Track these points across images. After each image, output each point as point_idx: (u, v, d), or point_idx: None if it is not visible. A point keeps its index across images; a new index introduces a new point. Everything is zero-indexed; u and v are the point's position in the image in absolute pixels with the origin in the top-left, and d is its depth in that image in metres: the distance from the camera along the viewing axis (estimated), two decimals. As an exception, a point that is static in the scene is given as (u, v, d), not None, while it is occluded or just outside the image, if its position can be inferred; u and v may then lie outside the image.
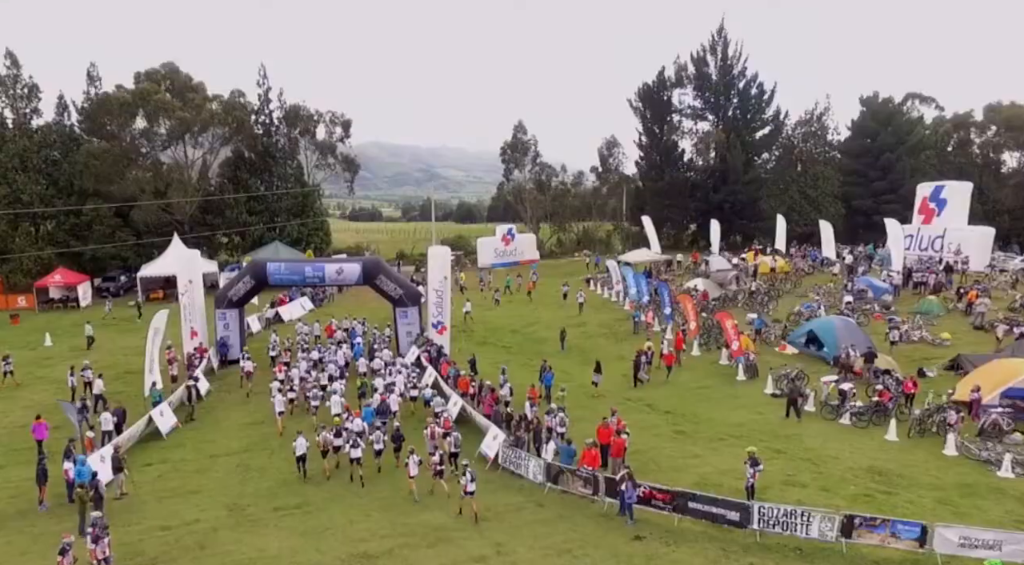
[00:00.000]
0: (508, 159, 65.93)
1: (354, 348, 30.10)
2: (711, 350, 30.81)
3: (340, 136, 60.72)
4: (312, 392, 24.24)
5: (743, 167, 62.05)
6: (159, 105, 49.88)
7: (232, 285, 30.80)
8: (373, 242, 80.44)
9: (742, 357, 27.16)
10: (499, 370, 25.16)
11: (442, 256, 31.42)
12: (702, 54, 65.17)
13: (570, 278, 51.31)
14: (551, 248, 66.35)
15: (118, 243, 50.52)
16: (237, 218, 53.55)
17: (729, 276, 40.57)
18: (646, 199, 65.53)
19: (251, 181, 54.31)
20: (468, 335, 36.00)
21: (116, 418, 21.58)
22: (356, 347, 30.27)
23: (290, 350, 30.48)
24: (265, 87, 55.52)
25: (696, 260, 49.13)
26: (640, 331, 33.99)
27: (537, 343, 34.42)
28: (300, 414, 23.84)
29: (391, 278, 30.87)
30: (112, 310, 42.69)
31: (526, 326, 37.72)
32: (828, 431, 21.95)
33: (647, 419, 23.49)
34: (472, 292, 45.51)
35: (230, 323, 30.72)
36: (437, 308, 31.10)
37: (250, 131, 54.11)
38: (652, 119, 65.95)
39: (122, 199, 51.15)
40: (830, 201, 64.23)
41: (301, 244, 55.32)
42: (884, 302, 34.02)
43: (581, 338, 34.44)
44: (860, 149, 64.85)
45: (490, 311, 42.28)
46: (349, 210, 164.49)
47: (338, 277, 30.70)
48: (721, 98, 64.52)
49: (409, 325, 31.10)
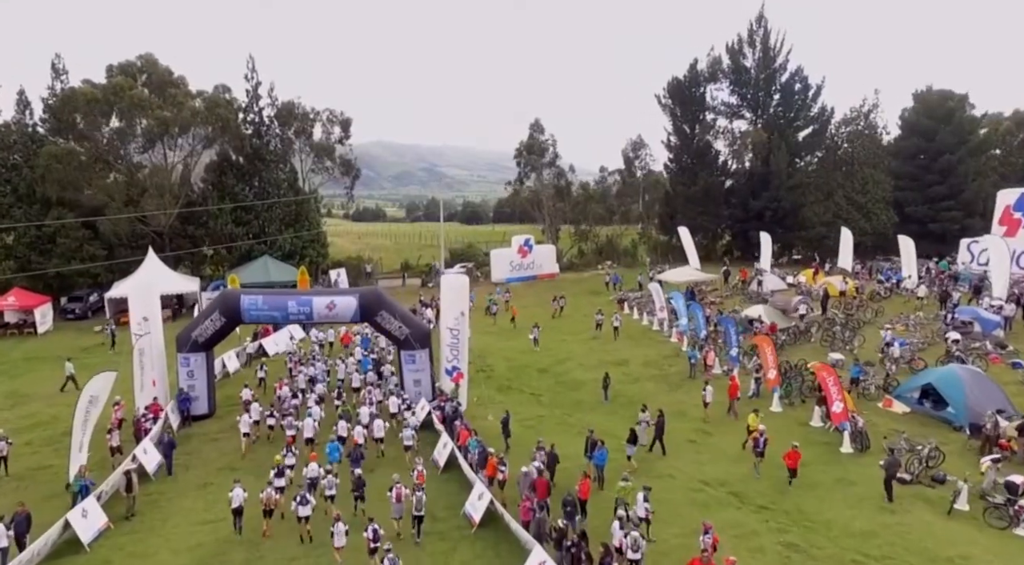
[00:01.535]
0: (525, 162, 59.64)
1: (362, 362, 28.05)
2: (794, 405, 24.68)
3: (339, 137, 54.71)
4: (288, 419, 22.26)
5: (787, 170, 55.74)
6: (133, 102, 43.89)
7: (197, 323, 24.78)
8: (375, 249, 74.62)
9: (847, 423, 21.02)
10: (532, 431, 19.53)
11: (458, 288, 25.38)
12: (738, 46, 58.95)
13: (596, 297, 45.42)
14: (572, 259, 60.15)
15: (87, 258, 44.53)
16: (222, 229, 47.58)
17: (794, 302, 34.36)
18: (676, 206, 59.29)
19: (238, 188, 48.28)
20: (487, 375, 29.98)
21: (13, 530, 15.65)
22: (364, 361, 28.19)
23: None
24: (254, 82, 49.54)
25: (745, 278, 42.89)
26: (697, 375, 27.87)
27: (572, 388, 28.34)
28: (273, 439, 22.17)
29: (395, 313, 24.82)
30: (105, 335, 36.43)
31: (556, 364, 31.61)
32: (1005, 546, 15.82)
33: (739, 521, 17.35)
34: (478, 313, 39.38)
35: (195, 371, 24.70)
36: (452, 350, 25.12)
37: (237, 131, 48.05)
38: (683, 117, 59.69)
39: (91, 208, 45.34)
40: (881, 208, 57.82)
41: (294, 258, 49.35)
42: (998, 340, 27.84)
43: (625, 382, 28.30)
44: (914, 149, 58.52)
45: (509, 340, 36.25)
46: (352, 210, 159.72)
47: (329, 313, 24.65)
48: (760, 94, 58.23)
49: (417, 372, 25.08)
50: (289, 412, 22.94)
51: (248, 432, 21.85)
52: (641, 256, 61.22)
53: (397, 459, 20.63)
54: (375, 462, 20.61)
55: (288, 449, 19.66)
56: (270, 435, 22.73)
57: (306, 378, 26.90)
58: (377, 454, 21.19)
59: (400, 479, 16.94)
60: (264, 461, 19.95)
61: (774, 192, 56.20)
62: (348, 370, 27.88)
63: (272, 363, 30.80)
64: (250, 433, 21.92)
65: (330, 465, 18.80)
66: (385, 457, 21.20)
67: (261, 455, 21.20)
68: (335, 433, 20.89)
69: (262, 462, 20.14)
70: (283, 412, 23.10)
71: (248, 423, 21.95)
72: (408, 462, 19.74)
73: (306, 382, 26.61)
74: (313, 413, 22.38)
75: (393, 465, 19.96)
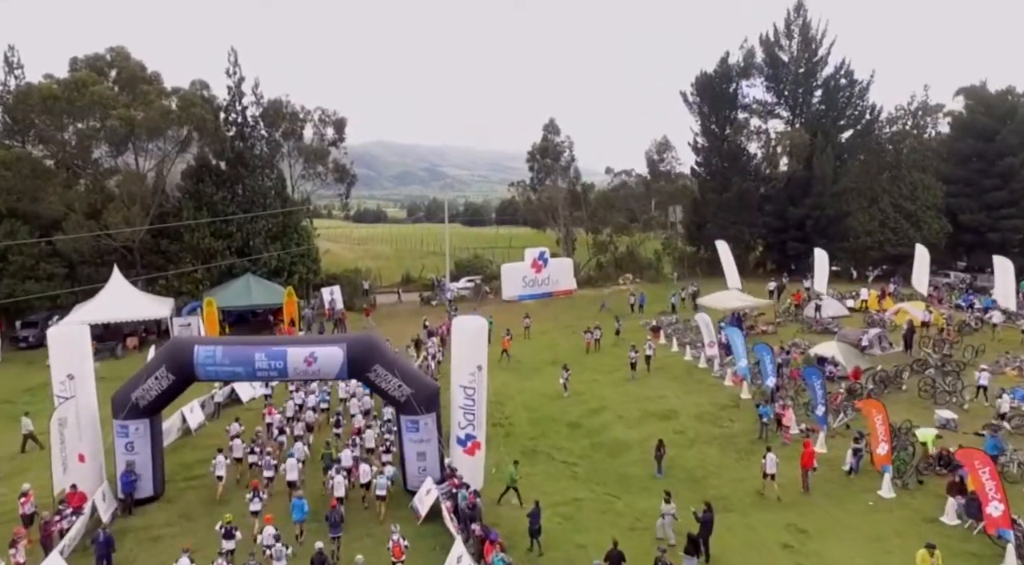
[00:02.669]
0: (539, 166, 54.00)
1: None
2: (908, 487, 19.11)
3: (333, 138, 49.16)
4: (266, 459, 19.53)
5: (833, 175, 50.18)
6: (94, 99, 38.36)
7: (139, 381, 19.23)
8: (375, 257, 69.16)
9: (1009, 531, 15.45)
10: (568, 524, 15.82)
11: (473, 333, 19.83)
12: (774, 37, 53.44)
13: (624, 318, 39.87)
14: (589, 273, 54.58)
15: (43, 277, 39.02)
16: (199, 243, 42.04)
17: (868, 336, 28.77)
18: (706, 214, 53.76)
19: (217, 197, 42.71)
20: (505, 431, 24.49)
21: None
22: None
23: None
24: (237, 77, 44.00)
25: (799, 302, 37.22)
26: (772, 437, 22.33)
27: (613, 453, 22.77)
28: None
29: (393, 368, 19.24)
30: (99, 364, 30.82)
31: (589, 415, 26.02)
32: None
33: None
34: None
35: (136, 442, 19.17)
36: (466, 414, 19.59)
37: (216, 133, 42.48)
38: (713, 116, 54.18)
39: (50, 221, 39.91)
40: (932, 216, 52.18)
41: (282, 275, 43.85)
42: None
43: (679, 444, 22.67)
44: (969, 151, 52.97)
45: (529, 379, 30.75)
46: (353, 211, 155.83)
47: (308, 369, 19.09)
48: (800, 90, 52.68)
49: (422, 443, 19.49)
50: (268, 451, 20.01)
51: (222, 475, 19.31)
52: (666, 269, 55.67)
53: (367, 517, 18.12)
54: (355, 515, 17.96)
55: (255, 494, 17.44)
56: (245, 477, 20.04)
57: (295, 405, 24.26)
58: (362, 504, 18.76)
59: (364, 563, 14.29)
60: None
61: (816, 199, 50.67)
62: (349, 389, 25.47)
63: (247, 412, 25.41)
64: (224, 476, 19.34)
65: (298, 524, 16.69)
66: (360, 510, 18.61)
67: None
68: (300, 487, 18.53)
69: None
70: (262, 448, 20.36)
71: (224, 465, 19.42)
72: (380, 518, 17.77)
73: (294, 409, 24.12)
74: (296, 451, 19.91)
75: (363, 525, 17.68)
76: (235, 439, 20.79)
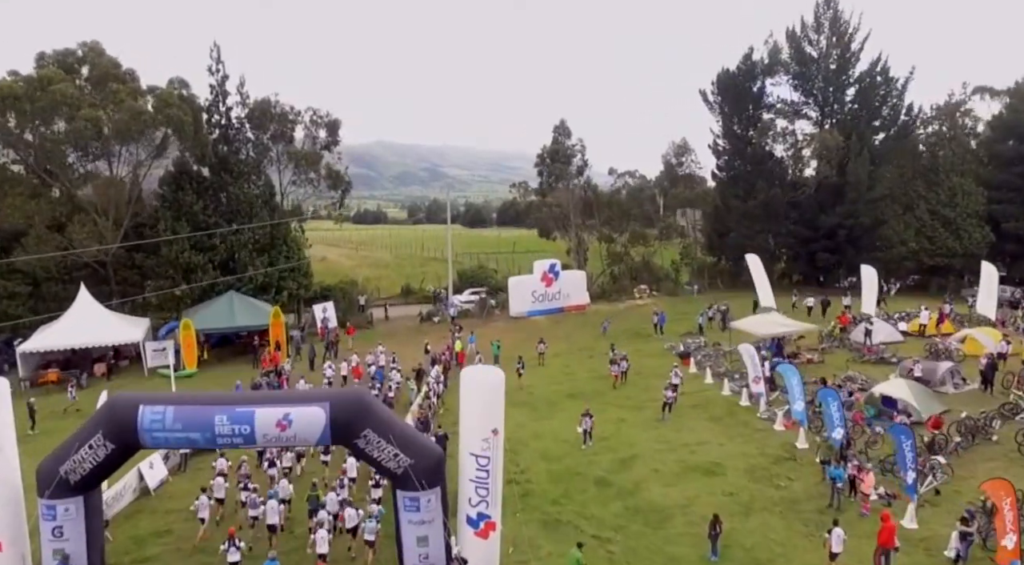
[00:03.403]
0: (548, 170, 50.10)
1: None
2: (1034, 583, 15.28)
3: (326, 141, 45.34)
4: (249, 496, 18.15)
5: (868, 180, 46.33)
6: (55, 98, 34.55)
7: (69, 451, 15.40)
8: (373, 265, 65.42)
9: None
10: None
11: (491, 390, 15.99)
12: (801, 31, 49.60)
13: (643, 343, 36.13)
14: (602, 285, 50.75)
15: (3, 297, 35.32)
16: (178, 257, 38.22)
17: (941, 371, 24.91)
18: (729, 222, 49.94)
19: (197, 206, 38.88)
20: (523, 489, 20.66)
21: None
22: None
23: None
24: (220, 75, 40.16)
25: (845, 325, 33.29)
26: (846, 505, 18.49)
27: (653, 523, 18.88)
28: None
29: (389, 433, 15.38)
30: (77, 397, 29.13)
31: (620, 468, 22.11)
32: None
33: None
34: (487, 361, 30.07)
35: (66, 526, 15.36)
36: (479, 489, 15.81)
37: (195, 136, 38.63)
38: (735, 116, 50.38)
39: (11, 233, 36.21)
40: (974, 224, 48.36)
41: (269, 292, 40.10)
42: None
43: (732, 512, 18.64)
44: (1012, 154, 49.22)
45: (545, 418, 26.93)
46: (353, 212, 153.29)
47: (281, 434, 15.28)
48: (830, 89, 48.83)
49: (423, 525, 15.65)
50: (255, 487, 18.55)
51: (204, 517, 17.87)
52: (683, 278, 51.87)
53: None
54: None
55: (231, 542, 15.90)
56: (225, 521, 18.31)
57: None
58: (348, 554, 17.11)
59: None
60: None
61: (850, 206, 46.83)
62: None
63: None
64: (206, 518, 17.91)
65: None
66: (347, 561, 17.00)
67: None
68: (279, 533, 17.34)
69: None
70: (248, 480, 19.01)
71: (207, 506, 18.00)
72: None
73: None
74: (281, 490, 18.58)
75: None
76: (218, 477, 19.28)
